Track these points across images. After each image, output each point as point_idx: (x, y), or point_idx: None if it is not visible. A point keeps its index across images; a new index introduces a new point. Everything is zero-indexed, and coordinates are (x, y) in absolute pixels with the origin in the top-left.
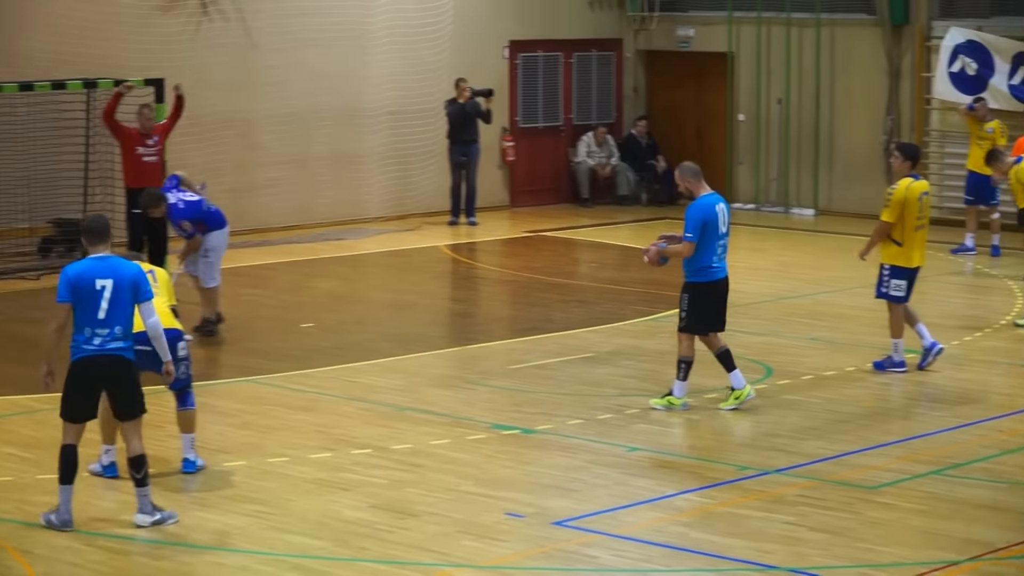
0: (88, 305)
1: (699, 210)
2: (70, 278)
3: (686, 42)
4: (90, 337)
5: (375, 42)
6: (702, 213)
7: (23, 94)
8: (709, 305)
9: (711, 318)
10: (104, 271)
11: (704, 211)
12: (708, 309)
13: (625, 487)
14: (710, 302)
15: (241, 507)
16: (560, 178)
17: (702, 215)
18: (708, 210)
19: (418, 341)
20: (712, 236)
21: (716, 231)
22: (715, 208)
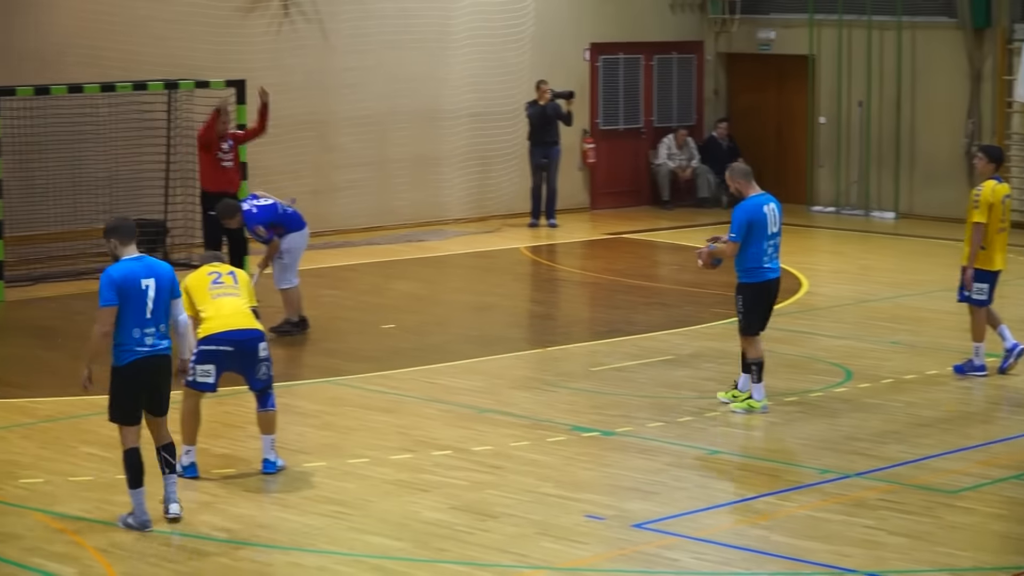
0: (136, 305)
1: (745, 211)
2: (115, 280)
3: (767, 45)
4: (140, 338)
5: (455, 44)
6: (748, 214)
7: (105, 95)
8: (761, 306)
9: (762, 318)
10: (146, 271)
11: (750, 212)
12: (761, 310)
13: (705, 490)
14: (763, 302)
15: (321, 508)
16: (640, 180)
17: (747, 215)
18: (755, 210)
19: (498, 343)
20: (760, 236)
21: (764, 231)
22: (763, 208)
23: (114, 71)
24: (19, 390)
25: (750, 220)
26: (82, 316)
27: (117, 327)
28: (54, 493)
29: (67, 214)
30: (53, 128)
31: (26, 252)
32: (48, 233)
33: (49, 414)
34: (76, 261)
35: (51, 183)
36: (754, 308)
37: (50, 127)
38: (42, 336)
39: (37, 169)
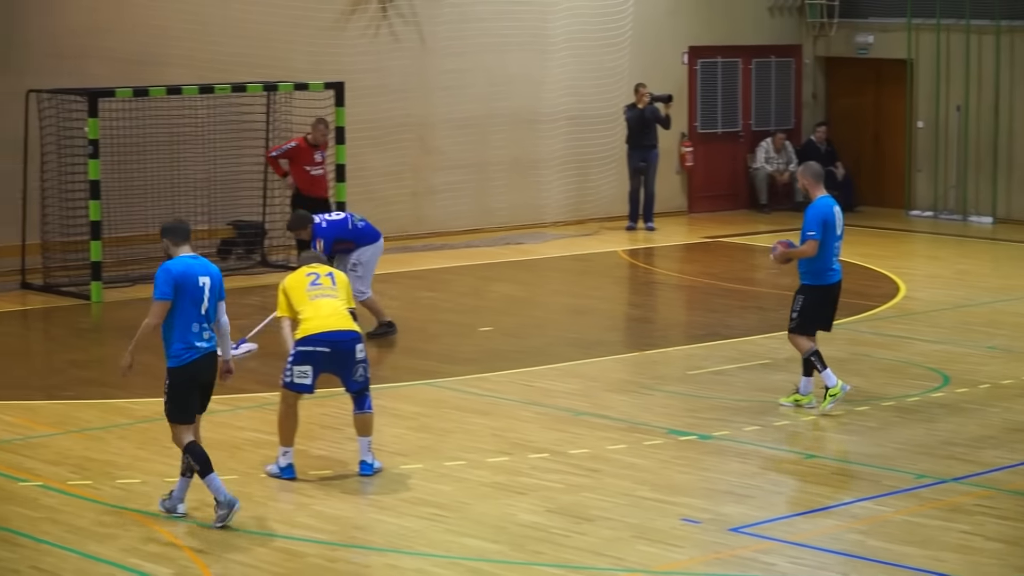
0: (194, 302)
1: (819, 210)
2: (174, 275)
3: (865, 49)
4: (199, 333)
5: (553, 47)
6: (823, 213)
7: (204, 96)
8: (821, 307)
9: (819, 320)
10: (202, 269)
11: (824, 211)
12: (820, 311)
13: (802, 494)
14: (822, 305)
15: (417, 510)
16: (738, 184)
17: (822, 214)
18: (827, 210)
19: (596, 346)
20: (830, 238)
21: (833, 233)
22: (833, 210)
23: (213, 73)
24: (117, 391)
25: (824, 219)
26: None
27: (174, 324)
28: (151, 494)
29: (165, 215)
30: (152, 130)
31: (124, 253)
32: (146, 234)
33: (146, 415)
34: None
35: (149, 184)
36: (814, 309)
37: (148, 129)
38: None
39: (135, 171)
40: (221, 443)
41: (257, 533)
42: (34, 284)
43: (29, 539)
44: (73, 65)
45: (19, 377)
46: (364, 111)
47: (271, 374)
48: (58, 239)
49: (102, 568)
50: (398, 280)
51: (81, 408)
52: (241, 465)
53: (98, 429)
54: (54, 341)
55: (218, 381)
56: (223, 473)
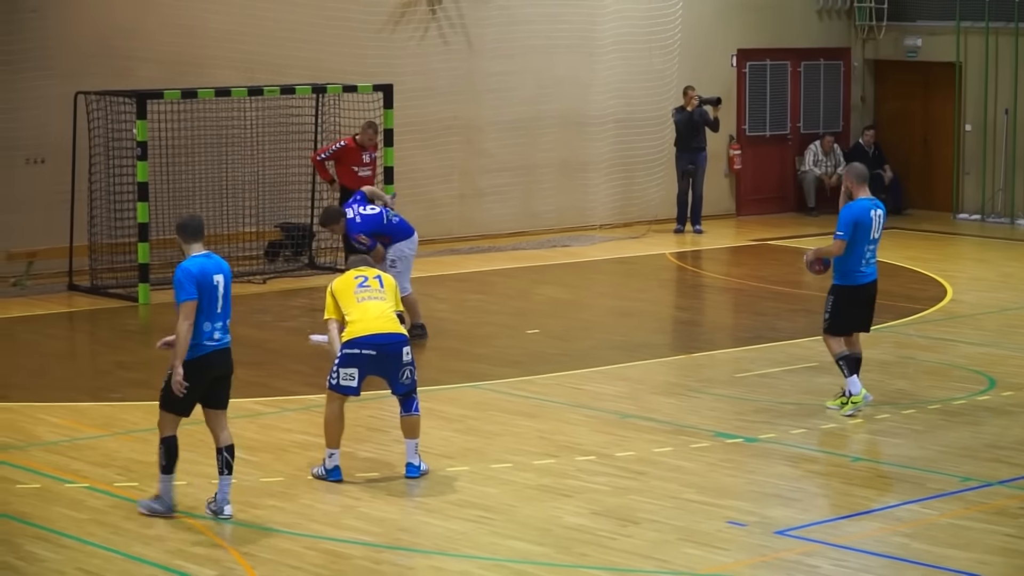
0: (209, 300)
1: (852, 211)
2: (194, 274)
3: (914, 52)
4: (211, 331)
5: (601, 50)
6: (855, 214)
7: (252, 98)
8: (853, 308)
9: (853, 321)
10: (216, 267)
11: (857, 213)
12: (851, 312)
13: (847, 497)
14: (854, 305)
15: (464, 512)
16: (786, 187)
17: (855, 216)
18: (862, 212)
19: (643, 349)
20: (862, 239)
21: (867, 235)
22: (869, 212)
23: (261, 75)
24: None
25: (856, 220)
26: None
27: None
28: (197, 495)
29: (213, 217)
30: (200, 132)
31: (171, 255)
32: None
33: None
34: None
35: (197, 186)
36: (844, 309)
37: (197, 131)
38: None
39: (183, 172)
40: (268, 445)
41: (303, 535)
42: (81, 286)
43: (75, 540)
44: (121, 67)
45: (66, 379)
46: (412, 113)
47: (318, 376)
48: (106, 241)
49: (147, 570)
50: (445, 282)
51: (128, 410)
52: (287, 467)
53: (145, 431)
54: (101, 343)
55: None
56: (270, 475)
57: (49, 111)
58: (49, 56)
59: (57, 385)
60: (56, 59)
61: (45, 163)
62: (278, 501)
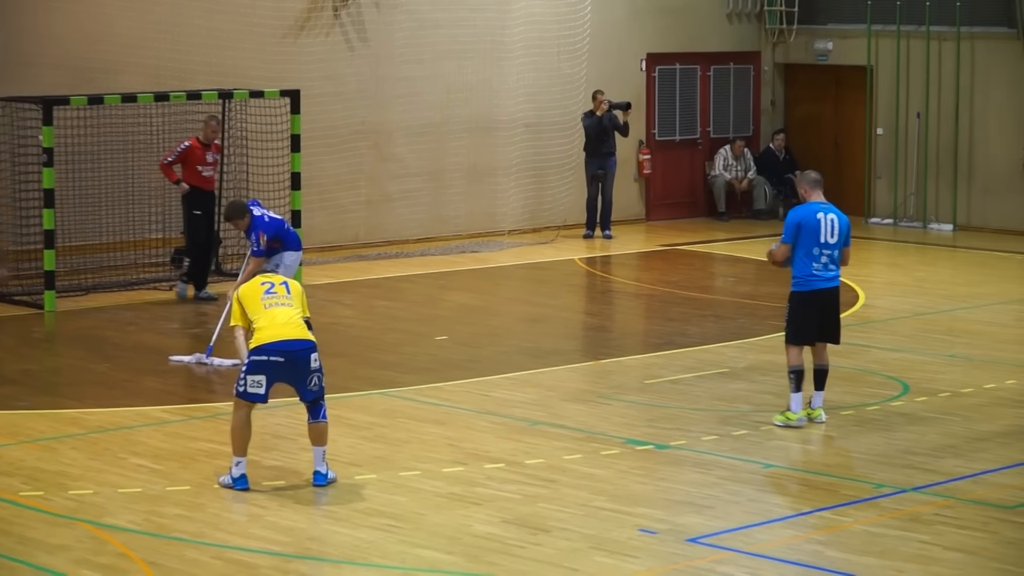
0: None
1: (796, 213)
2: None
3: (824, 55)
4: None
5: (511, 54)
6: (799, 217)
7: (159, 104)
8: (808, 315)
9: (811, 329)
10: None
11: (802, 215)
12: (807, 319)
13: (760, 504)
14: (809, 312)
15: (372, 521)
16: (697, 192)
17: (798, 218)
18: (806, 216)
19: (552, 355)
20: (809, 243)
21: (815, 239)
22: (815, 215)
23: (168, 81)
24: (69, 401)
25: (799, 223)
26: (132, 327)
27: None
28: (103, 504)
29: (119, 224)
30: (106, 138)
31: (77, 262)
32: (100, 243)
33: (99, 425)
34: (127, 271)
35: (104, 193)
36: (799, 317)
37: (104, 136)
38: (93, 347)
39: (90, 179)
40: (174, 453)
41: (210, 544)
42: None
43: None
44: (27, 73)
45: None
46: (320, 119)
47: (224, 384)
48: (11, 248)
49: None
50: (353, 288)
51: (33, 418)
52: (194, 476)
53: (50, 439)
54: (6, 350)
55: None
56: (176, 484)
57: None
58: None
59: None
60: None
61: None
62: (184, 510)
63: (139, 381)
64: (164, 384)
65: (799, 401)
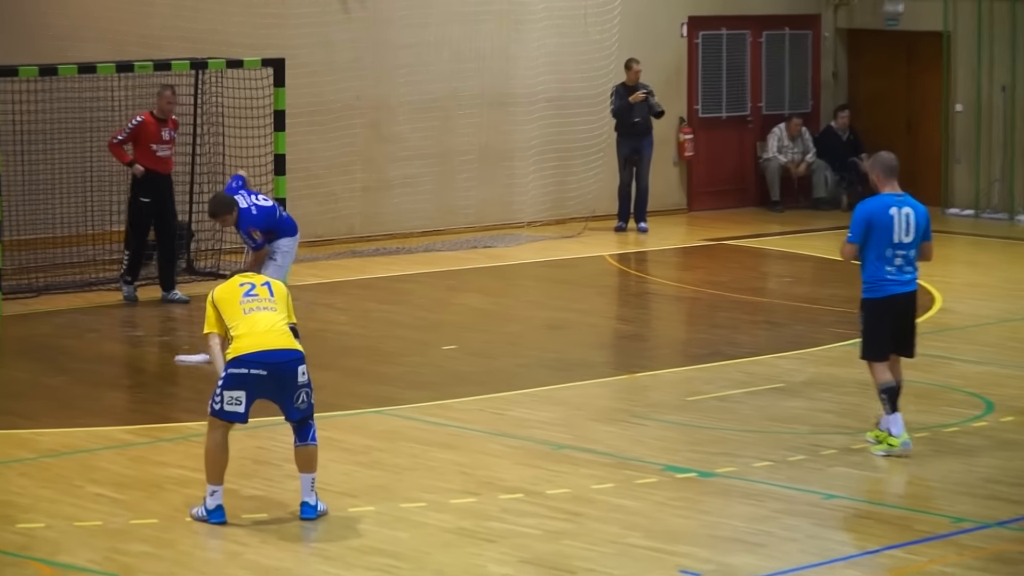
0: None
1: (865, 210)
2: None
3: (894, 19)
4: None
5: (531, 18)
6: (868, 213)
7: (122, 75)
8: (883, 325)
9: (885, 341)
10: None
11: (871, 211)
12: (880, 330)
13: (820, 541)
14: (883, 322)
15: (369, 560)
16: (746, 177)
17: (867, 215)
18: (878, 211)
19: (579, 368)
20: (882, 243)
21: (887, 238)
22: (888, 210)
23: (133, 48)
24: (18, 419)
25: (869, 221)
26: (93, 333)
27: None
28: (57, 540)
29: (76, 215)
30: (61, 115)
31: (27, 259)
32: (53, 237)
33: (52, 448)
34: (85, 270)
35: (57, 179)
36: (873, 328)
37: (57, 113)
38: (45, 357)
39: (41, 163)
40: (139, 481)
41: None
42: None
43: None
44: None
45: None
46: (307, 92)
47: (198, 400)
48: None
49: None
50: (346, 289)
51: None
52: (162, 507)
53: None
54: None
55: None
56: (141, 516)
57: None
58: None
59: None
60: None
61: None
62: (151, 547)
63: (99, 397)
64: (128, 401)
65: (899, 423)
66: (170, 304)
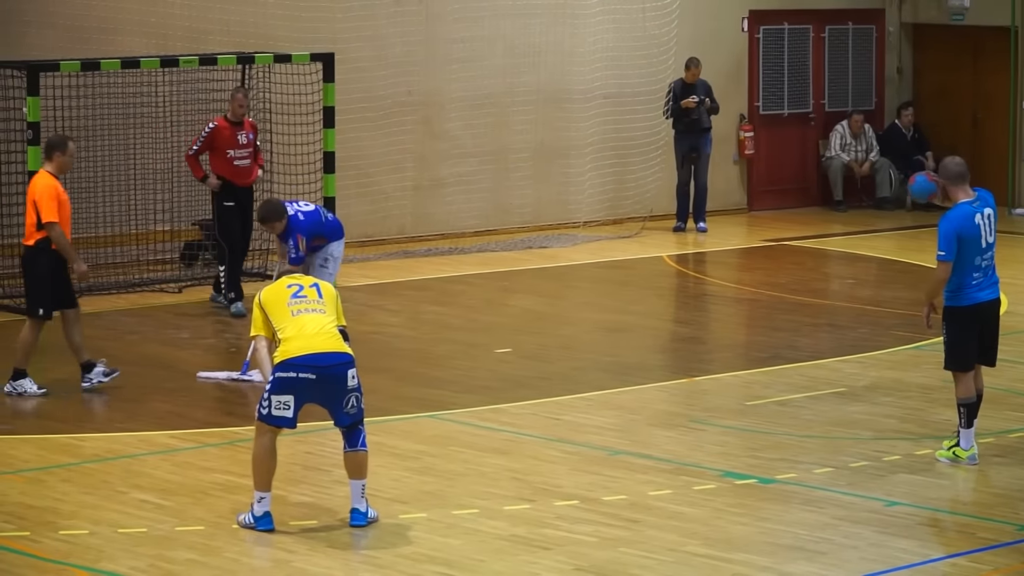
0: None
1: (952, 222)
2: None
3: (960, 14)
4: None
5: (587, 12)
6: (956, 225)
7: (166, 70)
8: (969, 334)
9: (970, 350)
10: None
11: (959, 223)
12: (964, 338)
13: (881, 549)
14: (969, 330)
15: (421, 568)
16: (808, 176)
17: (956, 227)
18: (964, 221)
19: (636, 371)
20: (971, 252)
21: (975, 244)
22: (973, 218)
23: (177, 43)
24: (59, 424)
25: (959, 233)
26: (135, 335)
27: None
28: (100, 547)
29: (119, 214)
30: (104, 111)
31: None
32: (96, 236)
33: (96, 453)
34: (129, 270)
35: (100, 176)
36: (959, 337)
37: (100, 109)
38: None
39: (84, 160)
40: (185, 487)
41: None
42: None
43: None
44: (9, 33)
45: None
46: (358, 88)
47: (245, 404)
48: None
49: None
50: (398, 291)
51: (17, 444)
52: (209, 514)
53: (38, 470)
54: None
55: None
56: (187, 523)
57: None
58: None
59: None
60: None
61: None
62: (197, 554)
63: (143, 401)
64: (173, 405)
65: (970, 438)
66: (218, 307)
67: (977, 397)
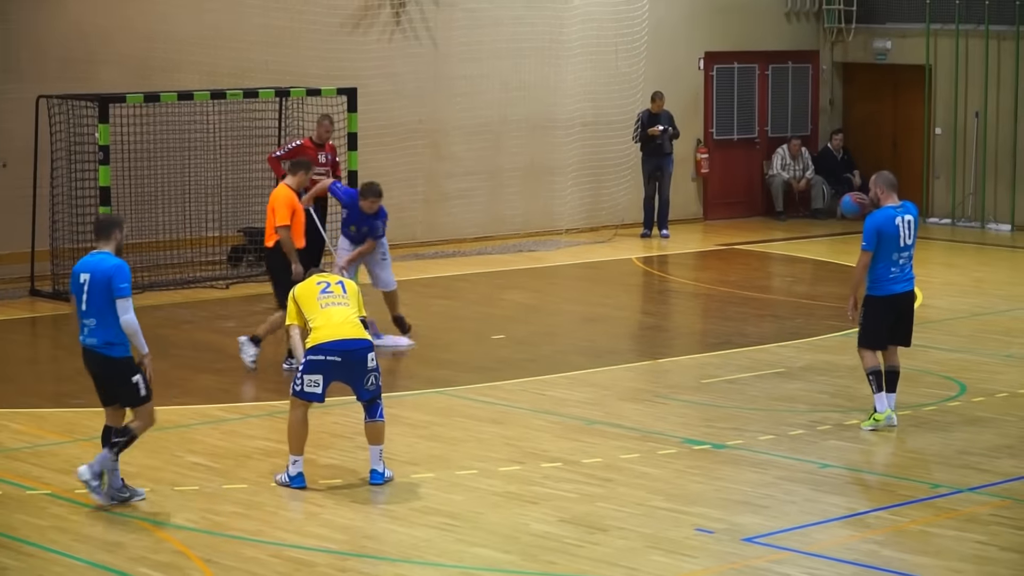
0: (77, 298)
1: (876, 220)
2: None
3: (883, 54)
4: (81, 329)
5: (568, 53)
6: (878, 223)
7: (215, 102)
8: (883, 320)
9: (884, 333)
10: (83, 266)
11: (881, 221)
12: (881, 324)
13: (816, 504)
14: (884, 317)
15: (428, 519)
16: (754, 191)
17: (878, 224)
18: (885, 221)
19: (609, 354)
20: (890, 249)
21: (895, 244)
22: (894, 220)
23: (224, 79)
24: None
25: (879, 230)
26: (189, 324)
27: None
28: (160, 503)
29: (176, 222)
30: (163, 135)
31: (133, 260)
32: (156, 241)
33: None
34: (184, 270)
35: (159, 191)
36: (873, 321)
37: (159, 134)
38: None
39: (146, 176)
40: (230, 451)
41: (266, 542)
42: (43, 291)
43: (37, 548)
44: (84, 70)
45: (27, 384)
46: (377, 116)
47: (282, 382)
48: (68, 245)
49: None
50: (410, 287)
51: (90, 416)
52: (251, 474)
53: None
54: (63, 348)
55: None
56: (233, 482)
57: (11, 115)
58: (11, 59)
59: (18, 391)
60: (19, 62)
61: (7, 167)
62: (241, 508)
63: (196, 379)
64: (221, 382)
65: (884, 400)
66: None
67: (890, 371)
